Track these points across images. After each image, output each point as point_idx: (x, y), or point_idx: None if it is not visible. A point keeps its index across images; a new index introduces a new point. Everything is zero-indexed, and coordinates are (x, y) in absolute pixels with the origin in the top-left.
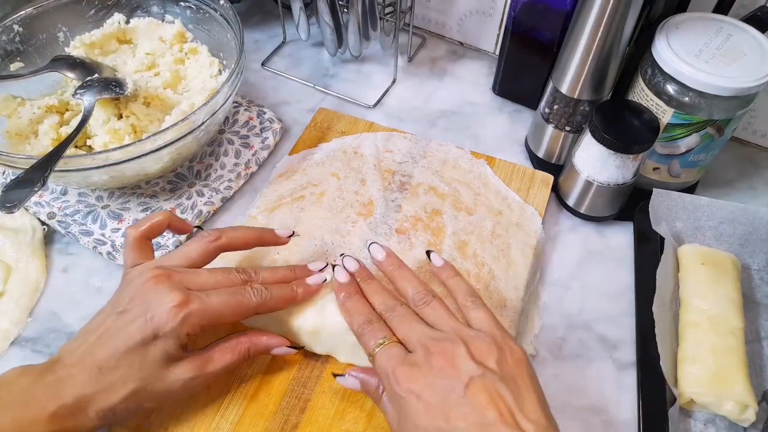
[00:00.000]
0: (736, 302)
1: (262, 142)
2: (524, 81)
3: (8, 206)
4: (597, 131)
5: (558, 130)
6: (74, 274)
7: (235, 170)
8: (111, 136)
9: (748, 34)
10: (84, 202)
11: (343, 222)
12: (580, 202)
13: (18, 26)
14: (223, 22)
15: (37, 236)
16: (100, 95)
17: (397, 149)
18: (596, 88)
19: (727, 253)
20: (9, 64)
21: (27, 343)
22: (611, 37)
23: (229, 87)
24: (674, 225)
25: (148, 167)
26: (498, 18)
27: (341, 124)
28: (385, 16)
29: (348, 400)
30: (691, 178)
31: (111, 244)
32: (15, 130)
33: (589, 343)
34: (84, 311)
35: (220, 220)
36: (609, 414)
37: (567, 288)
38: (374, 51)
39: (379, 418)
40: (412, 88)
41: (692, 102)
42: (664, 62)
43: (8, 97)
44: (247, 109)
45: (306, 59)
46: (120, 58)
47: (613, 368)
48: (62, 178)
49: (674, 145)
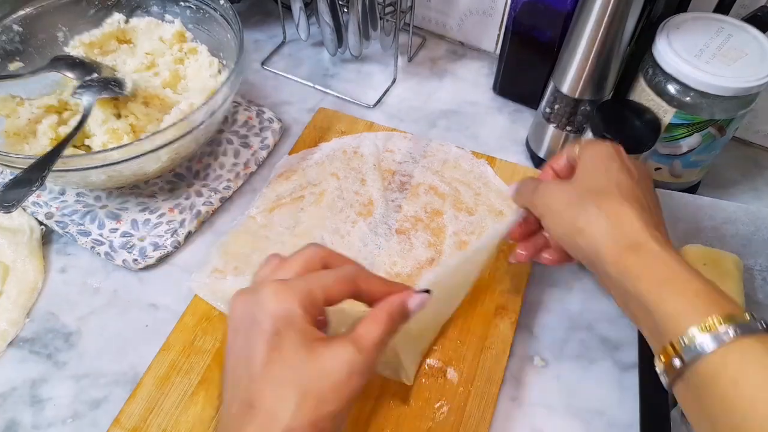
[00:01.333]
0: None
1: (261, 142)
2: (525, 81)
3: (6, 206)
4: (598, 131)
5: (559, 130)
6: (72, 274)
7: (234, 170)
8: (110, 135)
9: (749, 34)
10: (82, 202)
11: (342, 222)
12: None
13: (17, 26)
14: (223, 22)
15: (34, 236)
16: (100, 95)
17: (397, 149)
18: (597, 88)
19: (729, 254)
20: (8, 63)
21: (25, 343)
22: (612, 36)
23: (229, 87)
24: (676, 225)
25: (146, 167)
26: (498, 18)
27: (341, 124)
28: (385, 16)
29: None
30: (692, 178)
31: (109, 244)
32: (13, 130)
33: (591, 344)
34: (82, 311)
35: (219, 220)
36: (610, 415)
37: (568, 289)
38: (374, 51)
39: (379, 418)
40: (412, 88)
41: (693, 102)
42: (665, 62)
43: (7, 97)
44: (247, 108)
45: (306, 59)
46: (119, 58)
47: (614, 369)
48: (60, 178)
49: (676, 145)
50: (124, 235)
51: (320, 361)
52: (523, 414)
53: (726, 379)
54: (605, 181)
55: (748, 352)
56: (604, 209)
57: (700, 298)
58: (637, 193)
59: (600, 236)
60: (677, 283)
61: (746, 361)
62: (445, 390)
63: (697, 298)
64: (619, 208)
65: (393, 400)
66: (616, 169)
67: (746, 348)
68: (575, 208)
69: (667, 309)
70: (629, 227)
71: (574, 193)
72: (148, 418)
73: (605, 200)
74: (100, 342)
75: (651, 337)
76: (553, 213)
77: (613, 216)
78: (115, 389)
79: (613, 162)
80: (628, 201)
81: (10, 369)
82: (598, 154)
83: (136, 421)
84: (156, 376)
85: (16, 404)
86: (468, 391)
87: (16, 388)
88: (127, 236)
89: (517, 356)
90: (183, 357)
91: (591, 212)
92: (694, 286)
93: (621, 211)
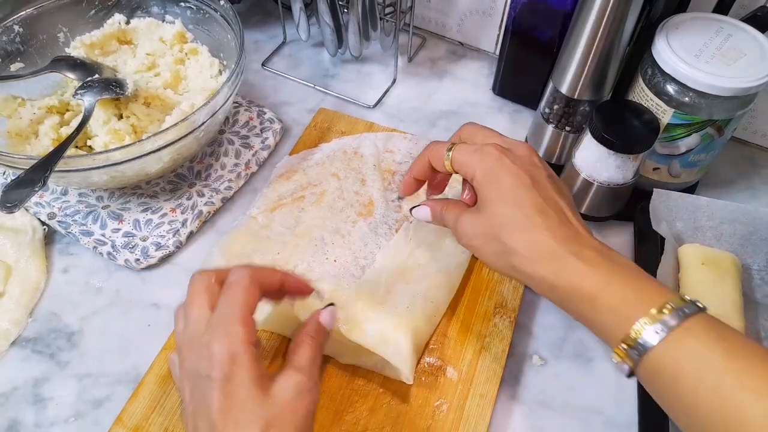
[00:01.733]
0: (736, 302)
1: (262, 143)
2: (524, 81)
3: (9, 206)
4: (597, 131)
5: (558, 130)
6: (74, 274)
7: (235, 170)
8: (111, 136)
9: (748, 34)
10: (84, 202)
11: (343, 222)
12: (580, 203)
13: (18, 27)
14: (224, 22)
15: (37, 236)
16: (101, 96)
17: (397, 149)
18: (596, 88)
19: (728, 253)
20: (9, 64)
21: (27, 343)
22: (611, 37)
23: (230, 87)
24: (674, 225)
25: (148, 167)
26: (498, 18)
27: (341, 125)
28: (385, 17)
29: (348, 400)
30: (691, 178)
31: (111, 244)
32: (15, 131)
33: (589, 343)
34: (84, 311)
35: (220, 220)
36: (608, 414)
37: None
38: (374, 51)
39: (379, 417)
40: (412, 89)
41: (692, 102)
42: (664, 62)
43: (8, 98)
44: (248, 109)
45: (306, 59)
46: (120, 59)
47: (613, 368)
48: (62, 179)
49: (674, 145)
50: (126, 235)
51: (272, 392)
52: (522, 412)
53: (668, 375)
54: (510, 209)
55: (685, 345)
56: (517, 242)
57: (629, 305)
58: (543, 207)
59: (525, 268)
60: (603, 297)
61: (683, 356)
62: (445, 389)
63: (626, 306)
64: (531, 237)
65: (393, 398)
66: (514, 186)
67: (683, 339)
68: (494, 245)
69: (604, 320)
70: (548, 253)
71: (489, 231)
72: (150, 416)
73: (516, 233)
74: (102, 341)
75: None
76: (475, 249)
77: (529, 248)
78: (117, 388)
79: (511, 179)
80: (538, 227)
81: (13, 368)
82: (495, 178)
83: (138, 420)
84: (158, 375)
85: (19, 403)
86: (467, 389)
87: (18, 388)
88: (130, 236)
89: (516, 355)
90: None
91: (508, 247)
92: (621, 292)
93: (534, 238)
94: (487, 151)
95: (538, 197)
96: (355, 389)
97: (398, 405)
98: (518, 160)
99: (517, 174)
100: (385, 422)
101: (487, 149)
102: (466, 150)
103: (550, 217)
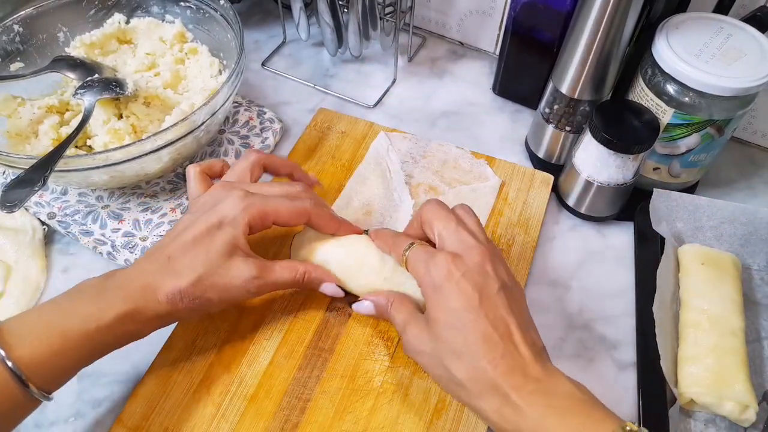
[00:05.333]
0: (736, 302)
1: (262, 142)
2: (524, 81)
3: (8, 206)
4: (597, 131)
5: (558, 130)
6: (74, 274)
7: None
8: (111, 136)
9: (748, 34)
10: (84, 202)
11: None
12: (581, 202)
13: (18, 26)
14: (223, 22)
15: (37, 236)
16: (101, 95)
17: (397, 149)
18: (596, 88)
19: (728, 253)
20: (9, 64)
21: None
22: (611, 37)
23: (229, 87)
24: (674, 225)
25: (148, 167)
26: (498, 18)
27: (341, 124)
28: (385, 16)
29: (348, 399)
30: (691, 178)
31: (111, 244)
32: (15, 130)
33: (589, 343)
34: None
35: None
36: None
37: (567, 288)
38: (374, 51)
39: (379, 417)
40: (412, 88)
41: (692, 102)
42: (664, 62)
43: (8, 97)
44: (248, 109)
45: (306, 59)
46: (120, 59)
47: (613, 368)
48: (62, 178)
49: (674, 145)
50: (126, 234)
51: (228, 265)
52: None
53: None
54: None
55: None
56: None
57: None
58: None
59: (469, 401)
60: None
61: None
62: None
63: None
64: (473, 369)
65: (392, 397)
66: (460, 309)
67: None
68: (439, 369)
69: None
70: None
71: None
72: (150, 416)
73: (459, 363)
74: None
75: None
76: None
77: (472, 381)
78: (117, 388)
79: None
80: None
81: None
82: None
83: (138, 419)
84: (158, 375)
85: None
86: None
87: None
88: (129, 236)
89: None
90: (184, 356)
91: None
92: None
93: (476, 372)
94: (436, 262)
95: (484, 321)
96: (355, 389)
97: (398, 405)
98: (468, 273)
99: (465, 293)
100: (384, 422)
101: (437, 260)
102: (418, 257)
103: (495, 346)
